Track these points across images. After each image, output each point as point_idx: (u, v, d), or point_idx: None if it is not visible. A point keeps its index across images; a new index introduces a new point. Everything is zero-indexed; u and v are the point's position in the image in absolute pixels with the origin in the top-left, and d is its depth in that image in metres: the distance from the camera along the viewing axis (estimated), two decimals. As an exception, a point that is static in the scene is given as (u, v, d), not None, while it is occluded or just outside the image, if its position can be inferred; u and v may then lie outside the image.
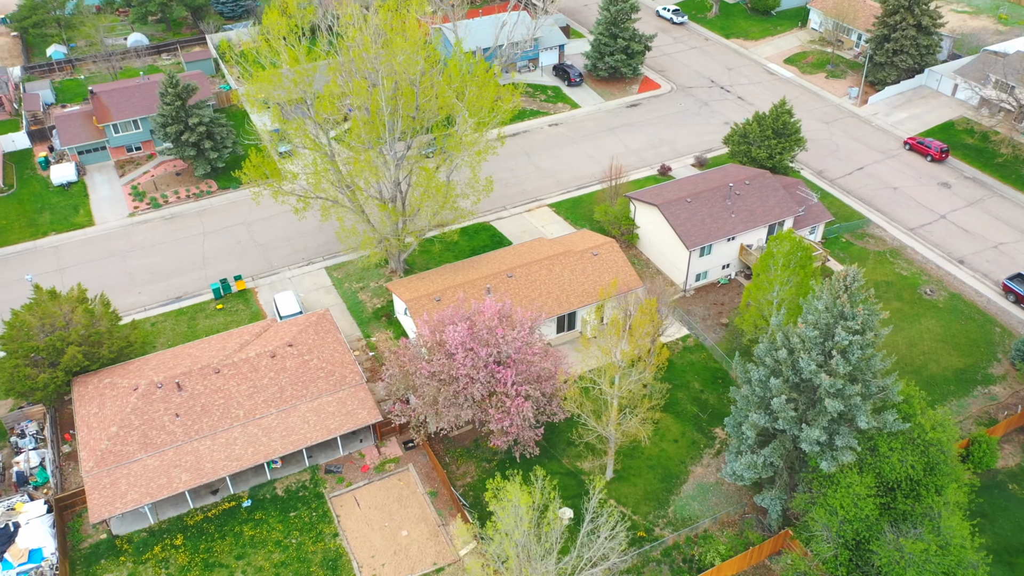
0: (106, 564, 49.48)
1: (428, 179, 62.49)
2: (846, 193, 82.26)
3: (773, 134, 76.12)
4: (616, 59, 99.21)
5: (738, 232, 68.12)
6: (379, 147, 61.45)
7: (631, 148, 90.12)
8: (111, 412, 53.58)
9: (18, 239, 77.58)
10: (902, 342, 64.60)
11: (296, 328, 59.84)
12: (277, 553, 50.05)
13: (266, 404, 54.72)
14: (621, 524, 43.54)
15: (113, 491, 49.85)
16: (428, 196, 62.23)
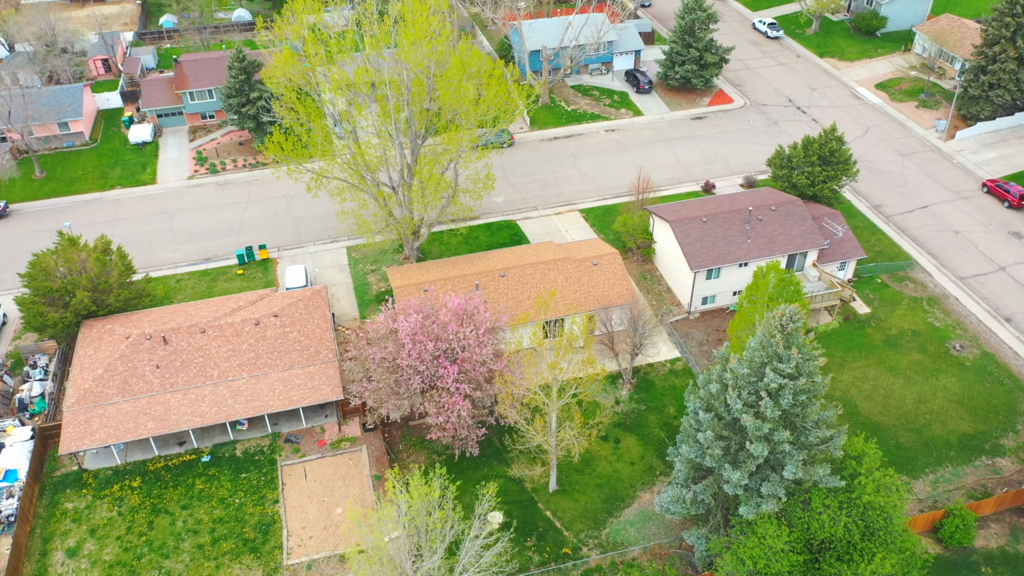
0: (70, 493, 53.70)
1: (428, 172, 63.37)
2: (899, 231, 76.73)
3: (818, 160, 72.03)
4: (687, 69, 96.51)
5: (752, 258, 65.11)
6: (385, 134, 62.85)
7: (682, 161, 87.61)
8: (103, 356, 57.91)
9: (88, 189, 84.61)
10: (910, 397, 59.92)
11: (288, 300, 62.40)
12: (219, 509, 52.66)
13: (240, 368, 57.48)
14: (502, 534, 43.07)
15: (86, 428, 53.95)
16: (427, 187, 63.03)
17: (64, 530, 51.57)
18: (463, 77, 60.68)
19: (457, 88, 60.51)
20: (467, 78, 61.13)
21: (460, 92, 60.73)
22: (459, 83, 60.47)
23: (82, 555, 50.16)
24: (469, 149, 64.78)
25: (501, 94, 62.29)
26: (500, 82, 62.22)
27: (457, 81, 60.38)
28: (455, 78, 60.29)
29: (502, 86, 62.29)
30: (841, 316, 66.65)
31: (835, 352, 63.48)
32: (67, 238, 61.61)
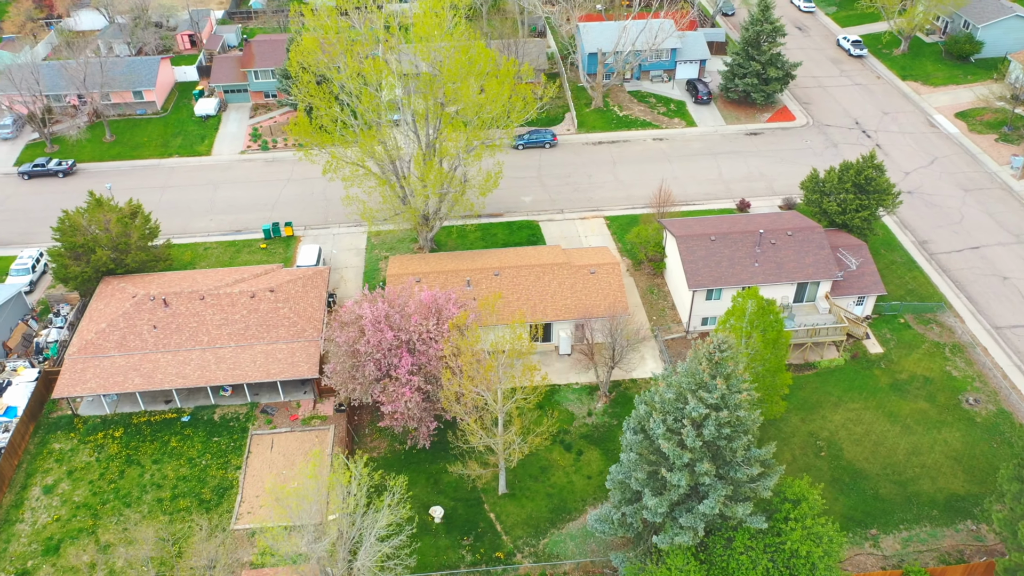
0: (59, 435, 57.71)
1: (429, 167, 64.09)
2: (939, 271, 71.78)
3: (852, 187, 68.28)
4: (747, 83, 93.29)
5: (757, 283, 62.53)
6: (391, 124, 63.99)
7: (724, 176, 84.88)
8: (110, 311, 61.81)
9: (149, 155, 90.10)
10: (903, 447, 56.18)
11: (289, 278, 64.68)
12: (185, 468, 55.36)
13: (229, 336, 60.08)
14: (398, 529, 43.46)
15: (81, 376, 57.80)
16: (426, 178, 63.76)
17: (46, 468, 55.51)
18: (468, 74, 60.97)
19: (461, 84, 60.89)
20: (471, 75, 61.37)
21: (464, 88, 61.09)
22: (463, 79, 60.83)
23: (56, 493, 53.88)
24: (471, 146, 65.00)
25: (503, 94, 62.19)
26: (502, 82, 62.13)
27: (461, 77, 60.74)
28: (458, 74, 60.67)
29: (504, 87, 62.20)
30: (848, 353, 63.12)
31: (832, 391, 60.24)
32: (96, 198, 65.97)
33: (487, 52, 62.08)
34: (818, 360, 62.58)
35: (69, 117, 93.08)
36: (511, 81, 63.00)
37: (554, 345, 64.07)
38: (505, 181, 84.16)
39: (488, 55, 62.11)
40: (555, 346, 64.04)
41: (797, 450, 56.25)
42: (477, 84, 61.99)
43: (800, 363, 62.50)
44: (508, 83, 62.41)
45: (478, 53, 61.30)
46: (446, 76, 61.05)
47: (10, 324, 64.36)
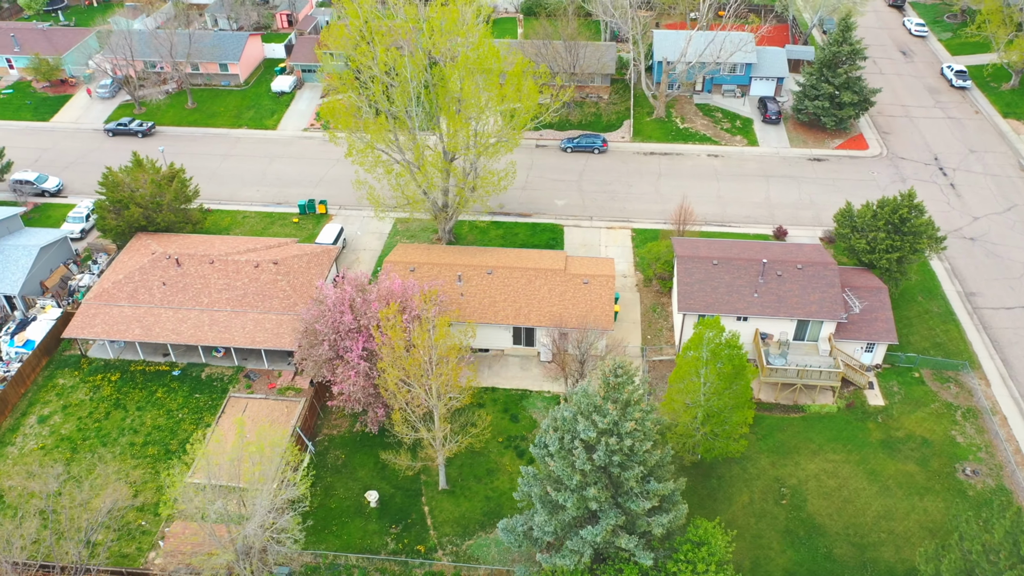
0: (66, 372, 62.78)
1: (435, 160, 64.84)
2: (979, 327, 65.83)
3: (885, 226, 63.69)
4: (817, 105, 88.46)
5: (752, 314, 59.64)
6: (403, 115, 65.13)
7: (771, 201, 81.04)
8: (130, 265, 66.52)
9: (221, 124, 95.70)
10: (875, 509, 52.20)
11: (297, 253, 67.36)
12: (163, 418, 58.97)
13: (227, 301, 63.32)
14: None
15: (90, 321, 62.62)
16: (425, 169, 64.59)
17: (47, 400, 60.59)
18: (474, 71, 61.25)
19: (465, 81, 61.25)
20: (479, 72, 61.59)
21: (467, 85, 61.40)
22: (467, 77, 61.16)
23: (48, 424, 58.76)
24: (470, 141, 65.15)
25: (503, 95, 61.99)
26: (515, 82, 61.93)
27: (464, 74, 61.10)
28: (461, 71, 61.04)
29: (510, 86, 61.99)
30: (844, 401, 59.12)
31: (814, 437, 56.68)
32: (137, 159, 70.97)
33: (493, 50, 62.06)
34: (808, 404, 58.98)
35: (160, 83, 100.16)
36: (519, 81, 62.75)
37: (536, 351, 63.56)
38: (543, 182, 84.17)
39: (494, 53, 62.09)
40: (537, 351, 63.53)
41: (757, 493, 53.40)
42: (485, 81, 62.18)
43: (789, 404, 59.15)
44: (516, 82, 62.22)
45: (487, 52, 61.42)
46: (447, 71, 61.59)
47: (52, 265, 70.36)
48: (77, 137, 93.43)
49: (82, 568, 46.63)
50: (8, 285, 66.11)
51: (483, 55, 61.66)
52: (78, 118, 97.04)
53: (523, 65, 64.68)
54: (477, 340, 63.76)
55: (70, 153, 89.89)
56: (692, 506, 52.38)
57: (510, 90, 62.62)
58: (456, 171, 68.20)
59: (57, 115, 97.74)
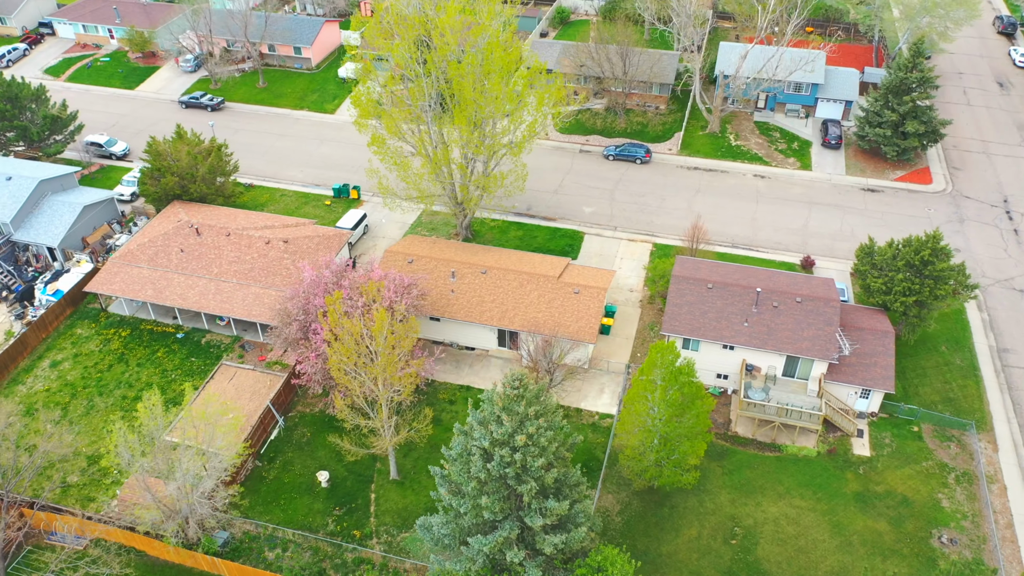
0: (85, 323, 67.42)
1: (444, 155, 65.38)
2: (1004, 387, 60.72)
3: (905, 267, 59.66)
4: (878, 133, 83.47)
5: (739, 344, 57.22)
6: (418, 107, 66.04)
7: (809, 229, 77.24)
8: (157, 230, 70.59)
9: (285, 105, 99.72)
10: (830, 564, 49.21)
11: (310, 234, 69.67)
12: (157, 377, 62.46)
13: (234, 273, 66.25)
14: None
15: (111, 278, 66.94)
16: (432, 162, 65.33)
17: (62, 346, 65.31)
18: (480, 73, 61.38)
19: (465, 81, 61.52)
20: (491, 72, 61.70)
21: (466, 85, 61.64)
22: (472, 75, 61.37)
23: (58, 369, 63.36)
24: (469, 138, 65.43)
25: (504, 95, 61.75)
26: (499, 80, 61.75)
27: (472, 72, 61.32)
28: (468, 70, 61.26)
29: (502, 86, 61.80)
30: (825, 446, 55.88)
31: (784, 480, 53.92)
32: (178, 131, 75.11)
33: (498, 48, 61.89)
34: (786, 444, 56.11)
35: (237, 61, 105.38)
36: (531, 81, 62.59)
37: (520, 354, 63.17)
38: (577, 188, 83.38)
39: (498, 53, 61.92)
40: (520, 355, 63.14)
41: (707, 529, 51.36)
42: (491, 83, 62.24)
43: (766, 442, 56.48)
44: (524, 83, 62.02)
45: (496, 53, 61.43)
46: (451, 69, 61.99)
47: (96, 223, 75.61)
48: (154, 106, 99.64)
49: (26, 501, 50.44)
50: (50, 237, 71.50)
51: (493, 56, 61.67)
52: (159, 89, 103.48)
53: (537, 69, 64.33)
54: (464, 338, 64.13)
55: (144, 121, 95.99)
56: (637, 533, 51.12)
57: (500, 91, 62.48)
58: (463, 168, 68.54)
59: (142, 84, 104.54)
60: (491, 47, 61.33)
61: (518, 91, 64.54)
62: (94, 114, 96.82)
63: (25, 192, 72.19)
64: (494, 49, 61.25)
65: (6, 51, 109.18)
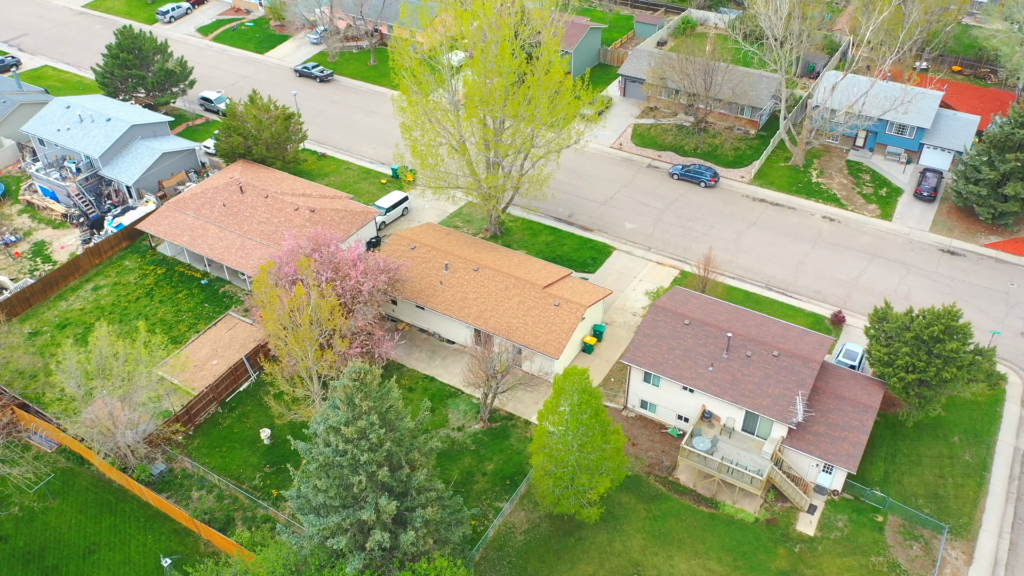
0: (134, 257, 74.75)
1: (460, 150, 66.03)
2: (1010, 497, 53.00)
3: (913, 340, 53.47)
4: (972, 191, 74.52)
5: (698, 388, 53.87)
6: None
7: (859, 283, 70.61)
8: (212, 183, 76.71)
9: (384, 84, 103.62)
10: (718, 636, 45.69)
11: (338, 207, 73.04)
12: (171, 315, 68.22)
13: (260, 232, 70.78)
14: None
15: (160, 221, 73.63)
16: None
17: (107, 274, 72.91)
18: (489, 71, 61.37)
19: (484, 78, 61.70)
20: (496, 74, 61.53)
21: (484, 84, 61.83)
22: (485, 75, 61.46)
23: (97, 292, 70.89)
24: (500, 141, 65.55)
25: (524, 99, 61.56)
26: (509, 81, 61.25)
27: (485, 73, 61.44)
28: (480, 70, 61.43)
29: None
30: (767, 514, 51.50)
31: (707, 538, 50.41)
32: (251, 96, 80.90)
33: (505, 50, 61.39)
34: (725, 502, 52.30)
35: (356, 39, 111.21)
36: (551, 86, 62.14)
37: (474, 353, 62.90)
38: (627, 202, 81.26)
39: (506, 56, 61.42)
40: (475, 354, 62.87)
41: (604, 569, 49.18)
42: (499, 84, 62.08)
43: (706, 495, 52.95)
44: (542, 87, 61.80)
45: (504, 54, 61.15)
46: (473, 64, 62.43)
47: (175, 170, 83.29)
48: (273, 72, 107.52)
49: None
50: (128, 176, 79.69)
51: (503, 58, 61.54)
52: (284, 57, 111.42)
53: (558, 74, 63.47)
54: (446, 331, 64.86)
55: (259, 83, 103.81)
56: (532, 556, 49.99)
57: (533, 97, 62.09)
58: (469, 164, 69.00)
59: (271, 51, 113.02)
60: (503, 50, 61.25)
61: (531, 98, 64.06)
62: (221, 72, 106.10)
63: (117, 133, 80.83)
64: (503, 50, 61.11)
65: (170, 8, 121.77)
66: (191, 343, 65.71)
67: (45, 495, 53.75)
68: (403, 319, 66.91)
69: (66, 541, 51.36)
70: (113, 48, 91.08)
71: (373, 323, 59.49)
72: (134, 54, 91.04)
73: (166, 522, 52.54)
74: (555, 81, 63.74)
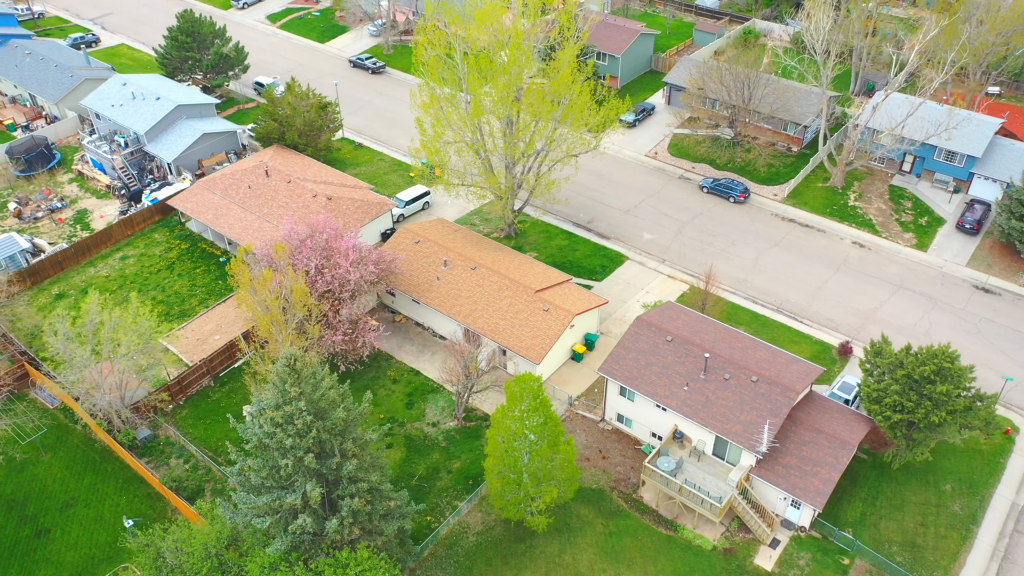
0: (163, 230, 78.13)
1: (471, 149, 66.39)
2: (996, 554, 49.67)
3: (903, 379, 50.75)
4: (1016, 226, 70.01)
5: (671, 407, 52.57)
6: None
7: (878, 314, 67.41)
8: (241, 166, 79.35)
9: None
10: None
11: (356, 196, 74.49)
12: (186, 288, 70.98)
13: (277, 216, 72.66)
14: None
15: (189, 198, 76.68)
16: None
17: (136, 244, 76.47)
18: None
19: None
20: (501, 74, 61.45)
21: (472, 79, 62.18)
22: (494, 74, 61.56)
23: (124, 261, 74.42)
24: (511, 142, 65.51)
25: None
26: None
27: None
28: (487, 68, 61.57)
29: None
30: (727, 542, 49.85)
31: (659, 560, 49.17)
32: (289, 84, 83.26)
33: (513, 50, 61.16)
34: (685, 526, 50.90)
35: (412, 33, 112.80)
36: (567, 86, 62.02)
37: (483, 353, 63.03)
38: (651, 213, 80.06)
39: (513, 53, 61.20)
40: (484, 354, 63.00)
41: (548, 580, 48.69)
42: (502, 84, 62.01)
43: (667, 517, 51.67)
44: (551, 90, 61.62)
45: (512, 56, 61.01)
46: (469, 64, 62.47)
47: (215, 150, 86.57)
48: (329, 61, 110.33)
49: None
50: (169, 153, 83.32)
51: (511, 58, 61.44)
52: (342, 47, 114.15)
53: (567, 78, 62.92)
54: (438, 326, 65.29)
55: (314, 72, 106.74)
56: (479, 558, 49.95)
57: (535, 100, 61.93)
58: (485, 163, 69.10)
59: (331, 41, 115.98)
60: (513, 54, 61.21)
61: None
62: (280, 59, 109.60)
63: (163, 111, 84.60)
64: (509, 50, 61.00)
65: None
66: (199, 317, 68.26)
67: (38, 448, 56.90)
68: (401, 311, 67.73)
69: (48, 493, 54.27)
70: (173, 30, 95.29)
71: (359, 313, 60.41)
72: (192, 37, 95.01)
73: (142, 485, 54.83)
74: (563, 85, 63.21)
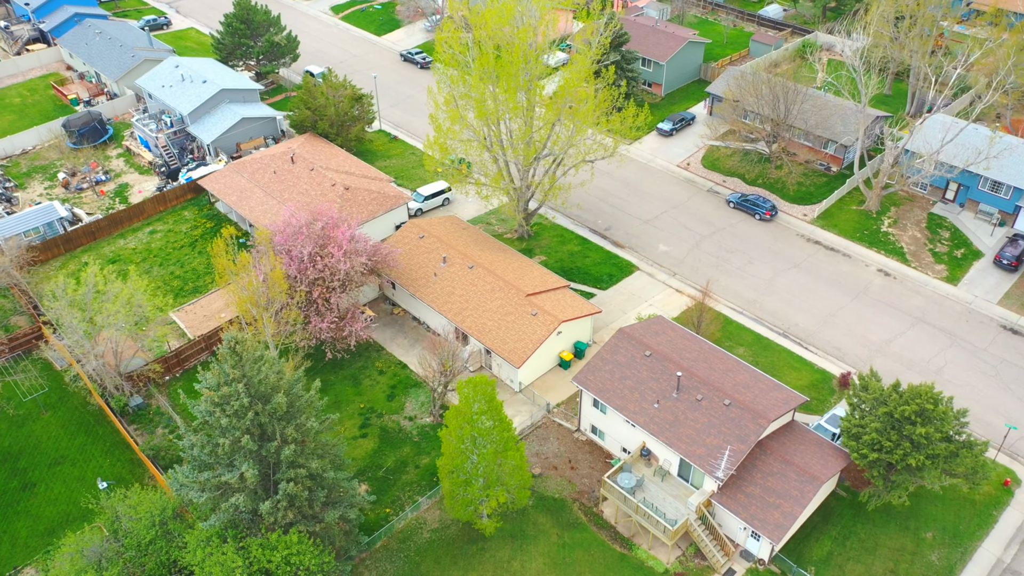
0: (192, 208, 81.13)
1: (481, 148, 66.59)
2: (967, 610, 46.89)
3: (885, 417, 48.37)
4: (1053, 265, 65.65)
5: (639, 424, 51.49)
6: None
7: (890, 348, 64.36)
8: (271, 152, 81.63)
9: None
10: None
11: (372, 188, 75.66)
12: (201, 266, 73.50)
13: (296, 202, 74.32)
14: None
15: (218, 179, 79.24)
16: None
17: (166, 220, 79.69)
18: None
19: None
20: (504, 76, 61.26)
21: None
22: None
23: (151, 234, 77.65)
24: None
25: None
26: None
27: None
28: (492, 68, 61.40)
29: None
30: (681, 566, 48.53)
31: (606, 578, 48.36)
32: (325, 75, 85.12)
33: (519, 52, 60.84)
34: (640, 546, 49.81)
35: (469, 29, 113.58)
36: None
37: (468, 352, 63.13)
38: (671, 225, 78.61)
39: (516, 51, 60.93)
40: (468, 353, 63.11)
41: (493, 585, 48.50)
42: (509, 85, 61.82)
43: (624, 535, 50.69)
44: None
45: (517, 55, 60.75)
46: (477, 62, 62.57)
47: (254, 135, 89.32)
48: (382, 54, 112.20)
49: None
50: (208, 135, 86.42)
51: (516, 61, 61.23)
52: (396, 41, 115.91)
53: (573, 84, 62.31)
54: (432, 322, 65.71)
55: (364, 63, 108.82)
56: (428, 556, 50.29)
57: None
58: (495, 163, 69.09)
59: (388, 34, 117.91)
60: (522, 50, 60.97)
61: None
62: (335, 49, 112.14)
63: (207, 94, 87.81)
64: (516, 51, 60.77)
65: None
66: (209, 294, 70.66)
67: (39, 406, 60.08)
68: (400, 304, 68.47)
69: (41, 449, 57.27)
70: (229, 16, 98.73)
71: (351, 302, 61.35)
72: (247, 24, 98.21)
73: (127, 451, 57.23)
74: (572, 88, 62.58)
